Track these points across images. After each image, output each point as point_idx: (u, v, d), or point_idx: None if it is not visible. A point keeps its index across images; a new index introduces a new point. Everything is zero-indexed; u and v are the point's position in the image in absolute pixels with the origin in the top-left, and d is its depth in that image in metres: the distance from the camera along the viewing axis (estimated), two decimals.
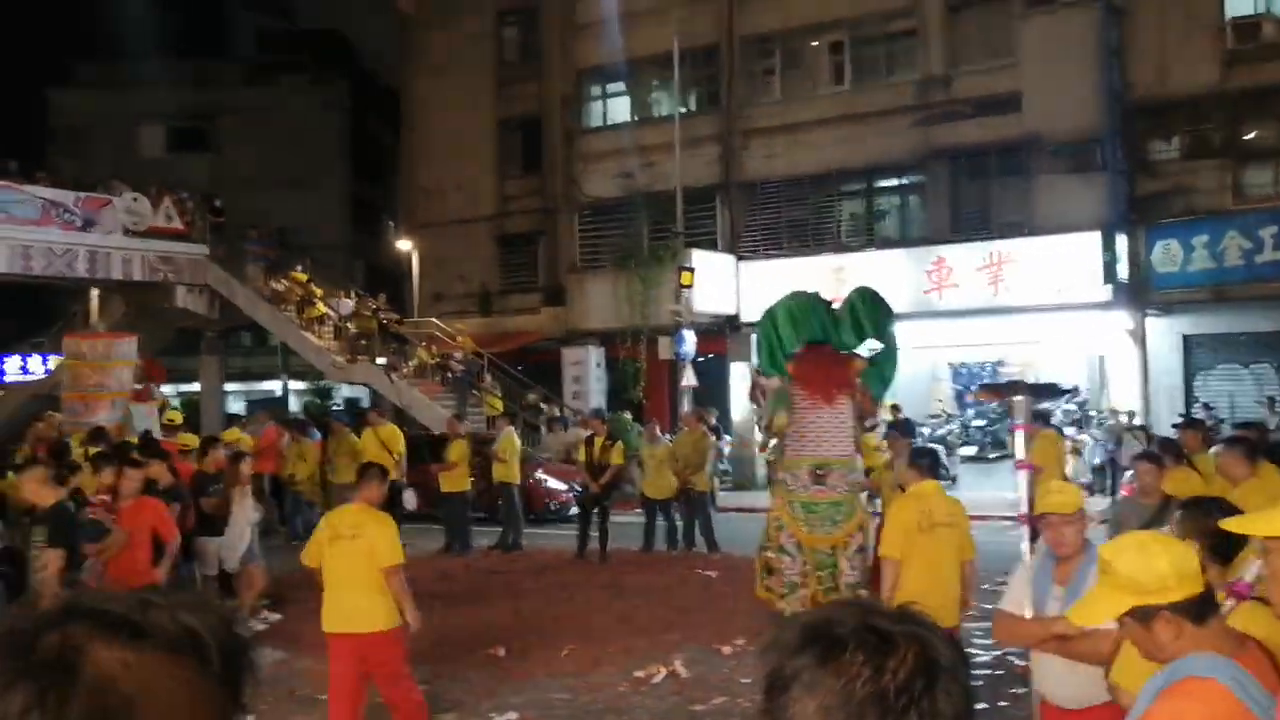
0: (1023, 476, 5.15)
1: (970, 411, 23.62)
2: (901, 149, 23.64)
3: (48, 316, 33.90)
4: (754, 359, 10.57)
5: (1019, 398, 5.22)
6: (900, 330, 22.29)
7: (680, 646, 9.68)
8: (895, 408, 20.91)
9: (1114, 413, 20.04)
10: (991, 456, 22.62)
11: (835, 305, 10.04)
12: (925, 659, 1.21)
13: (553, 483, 18.35)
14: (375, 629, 7.02)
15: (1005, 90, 22.25)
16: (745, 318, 24.32)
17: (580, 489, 15.54)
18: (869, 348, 9.93)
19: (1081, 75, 21.53)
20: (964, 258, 21.99)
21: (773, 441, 10.38)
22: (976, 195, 23.28)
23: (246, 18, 48.41)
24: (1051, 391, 12.39)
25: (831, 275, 22.95)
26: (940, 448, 21.28)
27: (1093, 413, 22.19)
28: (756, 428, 10.61)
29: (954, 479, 20.42)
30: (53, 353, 31.85)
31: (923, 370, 24.66)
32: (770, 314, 10.04)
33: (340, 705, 7.11)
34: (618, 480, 15.20)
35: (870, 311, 9.89)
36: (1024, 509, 5.03)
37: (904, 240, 23.96)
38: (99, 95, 41.71)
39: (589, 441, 15.41)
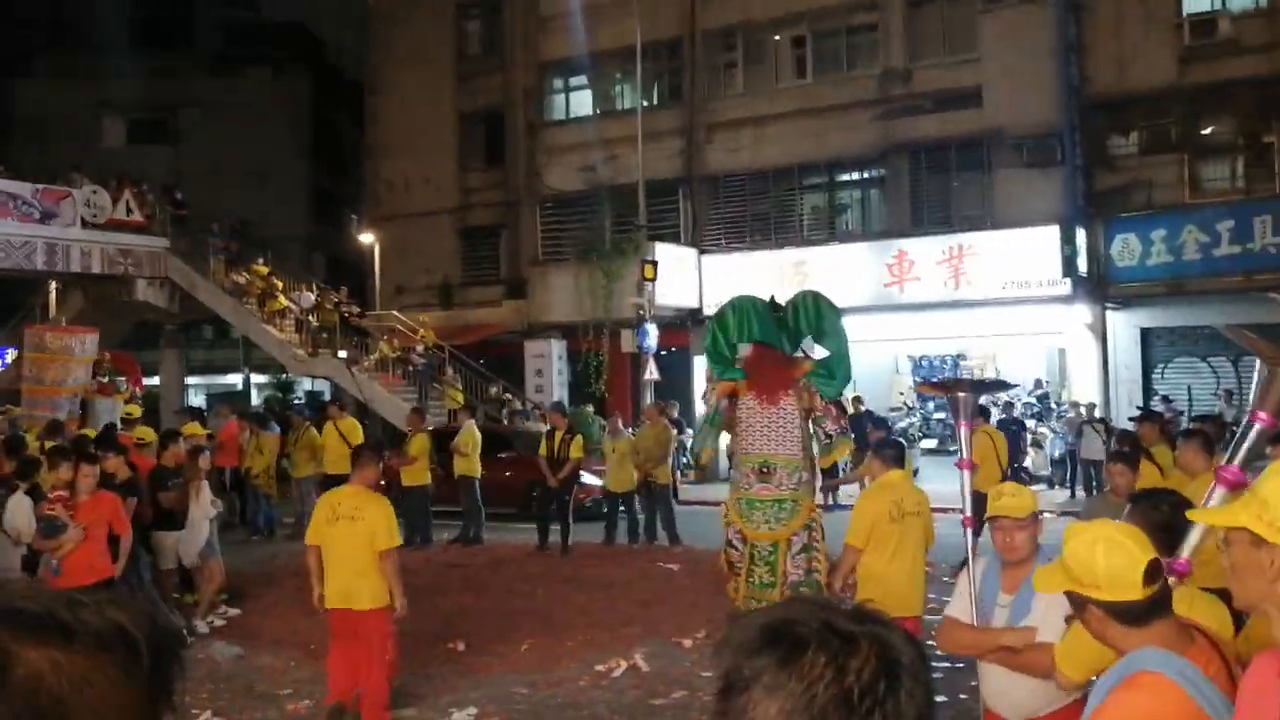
0: (965, 476, 4.92)
1: (931, 404, 23.82)
2: (863, 143, 23.76)
3: (4, 310, 33.48)
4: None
5: (962, 394, 4.94)
6: (861, 323, 22.52)
7: (641, 640, 9.71)
8: (858, 400, 21.09)
9: (1074, 405, 20.25)
10: (952, 449, 22.61)
11: (780, 307, 10.13)
12: (887, 659, 1.19)
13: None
14: (368, 606, 7.42)
15: (966, 85, 22.44)
16: (708, 311, 24.37)
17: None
18: (810, 349, 10.10)
19: (1041, 70, 21.73)
20: (925, 251, 22.18)
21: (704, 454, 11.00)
22: (937, 189, 23.44)
23: (211, 10, 47.94)
24: (996, 386, 12.60)
25: (793, 269, 23.13)
26: (901, 440, 21.51)
27: (1053, 405, 22.45)
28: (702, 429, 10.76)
29: (916, 472, 20.53)
30: (8, 346, 31.46)
31: (884, 363, 24.86)
32: (716, 316, 10.23)
33: (338, 675, 7.59)
34: (576, 473, 15.21)
35: (812, 314, 9.93)
36: (967, 510, 4.80)
37: (865, 234, 24.10)
38: (61, 86, 41.18)
39: (549, 435, 15.44)
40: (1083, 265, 20.95)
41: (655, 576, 12.90)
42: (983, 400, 21.81)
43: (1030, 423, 21.65)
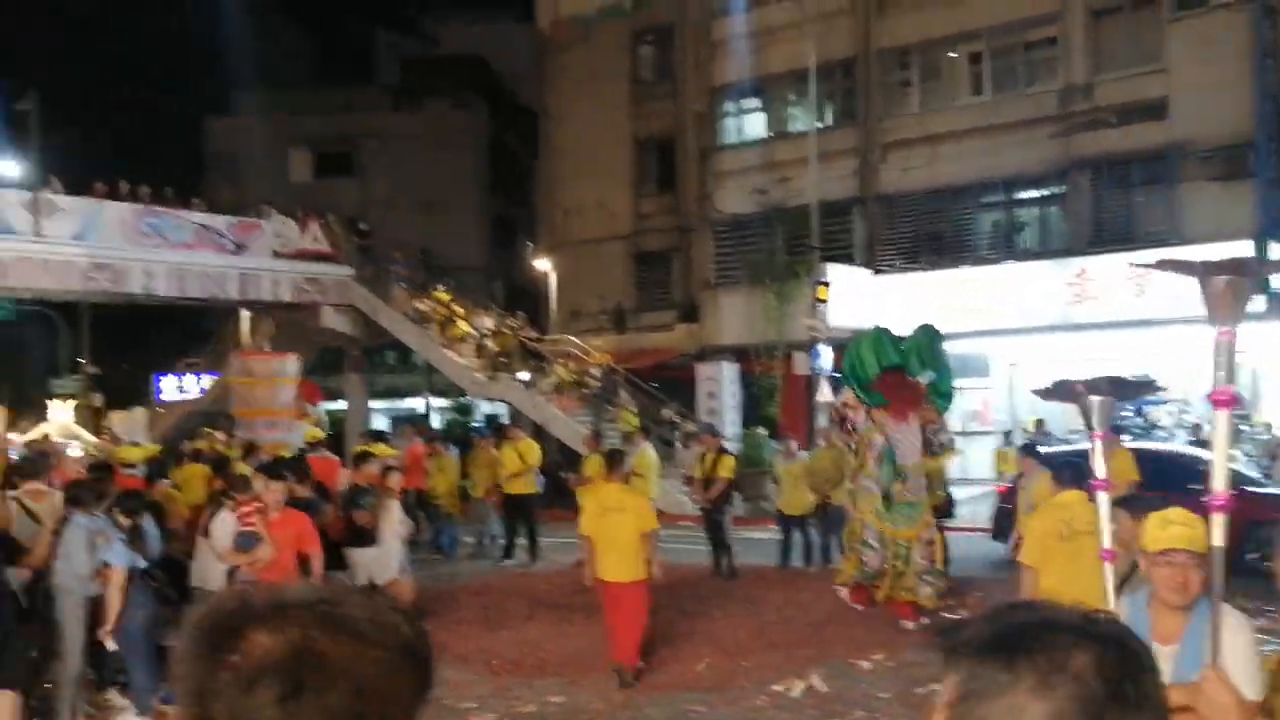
0: (1103, 499, 3.84)
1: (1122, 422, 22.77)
2: (1042, 159, 23.08)
3: (201, 337, 35.41)
4: (835, 393, 13.01)
5: (1097, 398, 3.81)
6: (1040, 343, 21.81)
7: (818, 661, 9.60)
8: (1039, 422, 20.40)
9: (1267, 427, 19.13)
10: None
11: (900, 339, 11.91)
12: (1136, 651, 1.19)
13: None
14: (631, 579, 9.46)
15: (1151, 96, 21.59)
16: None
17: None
18: (926, 374, 11.72)
19: (1233, 78, 20.72)
20: (1107, 269, 21.31)
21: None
22: (1120, 205, 22.59)
23: (391, 45, 49.90)
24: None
25: (969, 288, 22.61)
26: (1080, 461, 20.68)
27: (1244, 427, 21.24)
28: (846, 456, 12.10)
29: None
30: (207, 372, 33.25)
31: None
32: (854, 347, 12.03)
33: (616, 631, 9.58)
34: (728, 494, 15.22)
35: (929, 346, 11.82)
36: (1105, 541, 3.78)
37: (1044, 252, 23.36)
38: (251, 123, 43.45)
39: (702, 458, 15.50)
40: (1278, 282, 19.80)
41: (831, 598, 12.70)
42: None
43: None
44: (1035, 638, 1.16)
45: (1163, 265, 3.17)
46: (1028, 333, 22.12)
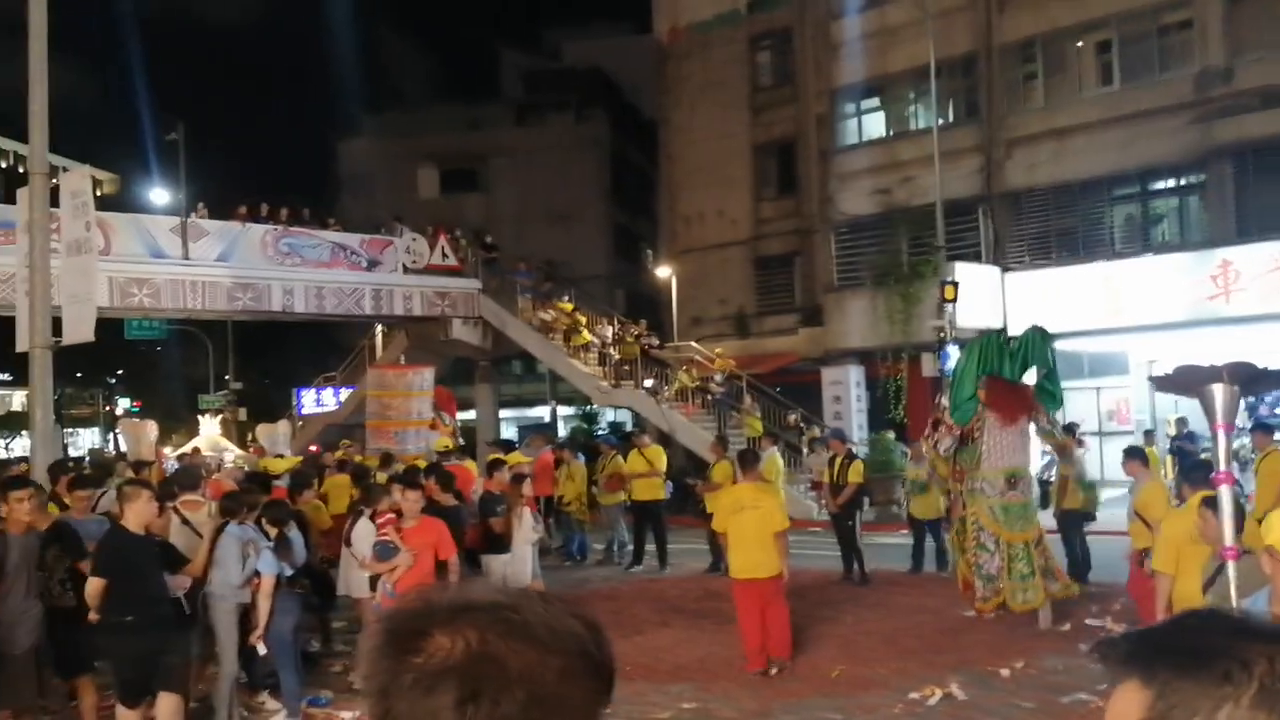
0: (1225, 493, 3.55)
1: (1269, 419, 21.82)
2: (1179, 148, 22.25)
3: (338, 352, 36.53)
4: (944, 398, 12.67)
5: (1219, 386, 3.49)
6: (1178, 339, 20.98)
7: (955, 669, 9.43)
8: (1181, 421, 19.71)
9: None
10: None
11: (1012, 340, 12.29)
12: None
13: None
14: (768, 575, 9.78)
15: None
16: (1013, 330, 23.44)
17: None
18: (1034, 375, 12.04)
19: None
20: (1253, 260, 20.44)
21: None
22: (1266, 193, 21.55)
23: (514, 61, 50.77)
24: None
25: (1103, 284, 21.94)
26: (1234, 463, 19.86)
27: None
28: (932, 456, 12.63)
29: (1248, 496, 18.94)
30: (344, 386, 34.27)
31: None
32: (966, 361, 12.24)
33: (750, 627, 9.92)
34: (858, 499, 15.03)
35: (1040, 348, 11.95)
36: (1227, 540, 3.52)
37: (1183, 244, 22.53)
38: (381, 144, 44.72)
39: (830, 461, 15.37)
40: None
41: (966, 604, 12.47)
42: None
43: None
44: (1240, 647, 1.08)
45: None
46: (1167, 329, 21.33)
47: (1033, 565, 11.25)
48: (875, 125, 27.62)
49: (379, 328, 31.78)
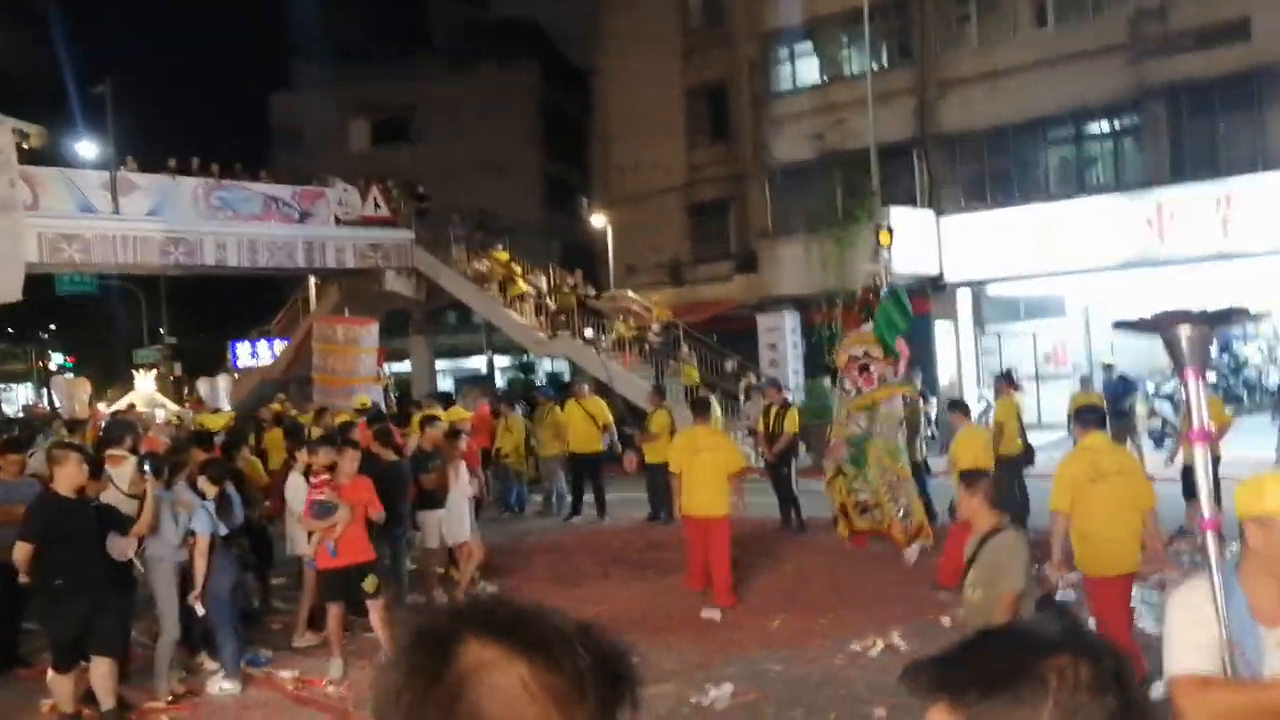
0: (1200, 453, 2.92)
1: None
2: (1114, 89, 22.25)
3: (272, 305, 35.92)
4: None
5: (1187, 328, 3.08)
6: (1115, 281, 21.06)
7: (896, 619, 9.42)
8: (1109, 366, 19.92)
9: None
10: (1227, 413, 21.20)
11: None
12: (1119, 658, 1.21)
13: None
14: (717, 514, 10.30)
15: (1230, 17, 20.62)
16: (949, 277, 23.54)
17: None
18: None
19: None
20: (1188, 201, 20.59)
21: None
22: (1200, 133, 21.65)
23: (444, 11, 49.88)
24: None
25: (1039, 227, 22.03)
26: (1167, 404, 20.13)
27: None
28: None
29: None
30: (278, 338, 33.74)
31: None
32: (885, 306, 13.28)
33: (695, 562, 10.63)
34: (793, 447, 15.02)
35: (899, 307, 13.22)
36: (1205, 509, 2.85)
37: (1119, 186, 22.64)
38: (313, 95, 43.87)
39: (766, 411, 15.31)
40: None
41: (907, 553, 12.51)
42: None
43: None
44: (1036, 664, 1.15)
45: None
46: (1103, 271, 21.48)
47: (896, 500, 12.43)
48: (808, 69, 27.39)
49: (312, 280, 31.26)
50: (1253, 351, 21.59)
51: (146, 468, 8.57)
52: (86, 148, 28.28)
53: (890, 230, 21.43)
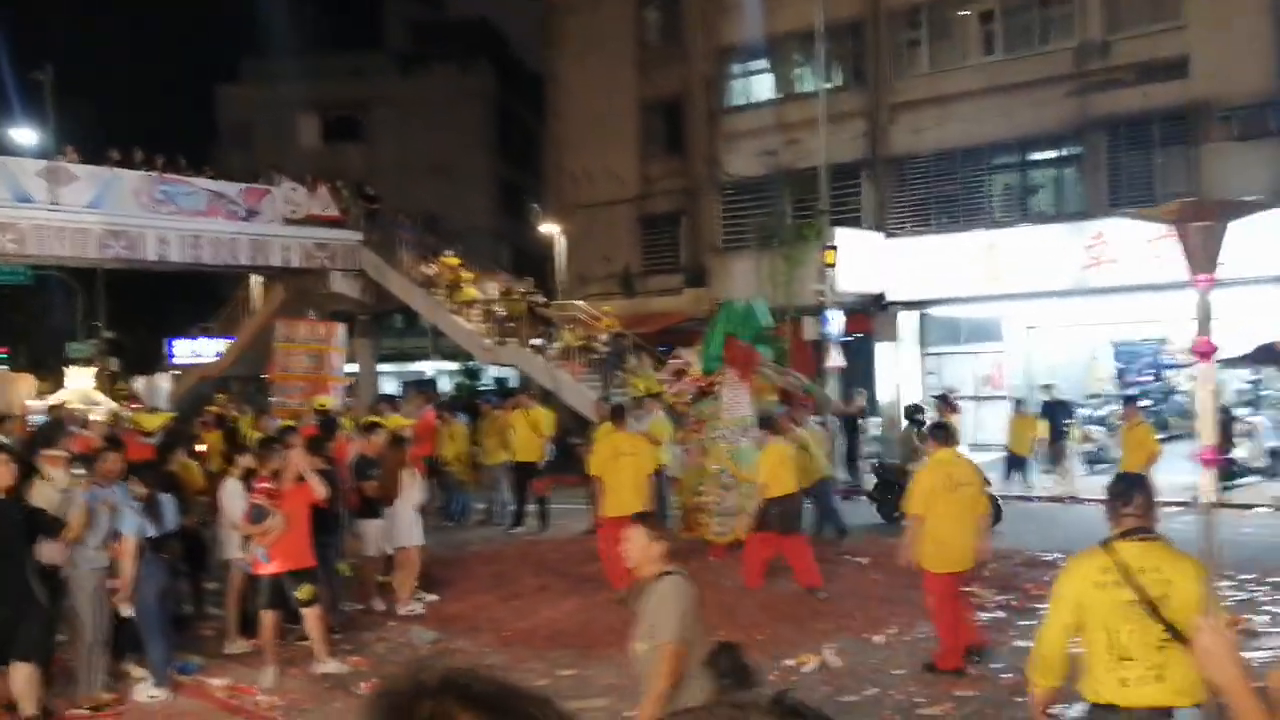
0: (1206, 477, 3.09)
1: (1134, 390, 22.65)
2: (1057, 119, 22.75)
3: (214, 303, 35.46)
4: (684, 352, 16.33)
5: (1201, 225, 2.94)
6: (1055, 308, 21.44)
7: (830, 635, 9.55)
8: (1048, 387, 20.29)
9: None
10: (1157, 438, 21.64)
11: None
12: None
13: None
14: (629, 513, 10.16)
15: (1170, 54, 21.20)
16: (893, 296, 23.83)
17: None
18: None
19: (1255, 34, 20.38)
20: (1125, 231, 21.04)
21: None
22: (1138, 166, 22.18)
23: (398, 10, 49.62)
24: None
25: (983, 251, 22.39)
26: (1100, 429, 20.54)
27: (1265, 392, 21.12)
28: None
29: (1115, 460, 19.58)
30: (220, 336, 33.32)
31: (1080, 349, 23.81)
32: (721, 324, 15.00)
33: (618, 563, 9.92)
34: None
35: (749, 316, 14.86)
36: (1203, 493, 3.08)
37: (1060, 215, 23.08)
38: (260, 91, 43.37)
39: None
40: None
41: (843, 570, 12.68)
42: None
43: (1242, 410, 20.39)
44: None
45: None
46: (1043, 297, 21.90)
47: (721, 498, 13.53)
48: (762, 87, 27.63)
49: (256, 279, 30.89)
50: (1185, 379, 22.06)
51: (76, 468, 8.44)
52: (25, 135, 27.76)
53: (835, 250, 21.73)
